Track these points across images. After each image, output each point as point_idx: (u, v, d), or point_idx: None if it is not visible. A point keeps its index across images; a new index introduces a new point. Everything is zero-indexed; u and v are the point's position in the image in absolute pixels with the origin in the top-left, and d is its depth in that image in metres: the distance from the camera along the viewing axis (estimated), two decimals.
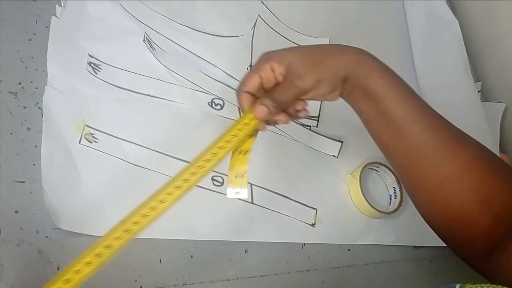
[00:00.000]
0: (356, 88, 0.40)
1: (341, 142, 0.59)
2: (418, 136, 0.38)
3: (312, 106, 0.61)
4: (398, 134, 0.39)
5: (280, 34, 0.63)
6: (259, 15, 0.61)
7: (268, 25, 0.62)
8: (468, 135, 0.39)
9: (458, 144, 0.37)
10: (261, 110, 0.39)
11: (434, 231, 0.40)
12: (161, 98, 0.51)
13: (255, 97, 0.41)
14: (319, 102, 0.61)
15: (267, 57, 0.40)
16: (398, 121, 0.38)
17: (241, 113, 0.42)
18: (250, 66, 0.58)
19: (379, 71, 0.40)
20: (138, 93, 0.50)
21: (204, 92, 0.53)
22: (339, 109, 0.63)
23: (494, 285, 0.26)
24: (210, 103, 0.54)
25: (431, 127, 0.38)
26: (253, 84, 0.40)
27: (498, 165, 0.37)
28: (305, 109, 0.43)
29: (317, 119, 0.60)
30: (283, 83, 0.39)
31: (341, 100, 0.64)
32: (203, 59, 0.55)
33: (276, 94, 0.40)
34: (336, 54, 0.39)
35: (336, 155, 0.59)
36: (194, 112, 0.53)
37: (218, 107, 0.54)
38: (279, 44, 0.62)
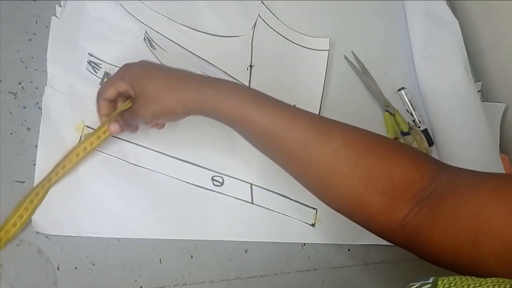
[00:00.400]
0: (207, 115, 0.41)
1: None
2: (281, 143, 0.39)
3: (313, 106, 0.61)
4: (265, 144, 0.41)
5: (280, 34, 0.63)
6: (259, 15, 0.61)
7: (268, 25, 0.62)
8: (335, 126, 0.40)
9: (321, 138, 0.39)
10: (114, 128, 0.44)
11: (338, 212, 0.42)
12: None
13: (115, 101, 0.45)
14: (319, 102, 0.61)
15: (122, 73, 0.42)
16: (261, 130, 0.40)
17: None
18: (250, 66, 0.58)
19: (223, 97, 0.40)
20: None
21: None
22: (339, 109, 0.64)
23: (466, 277, 0.27)
24: None
25: (289, 130, 0.39)
26: (110, 93, 0.43)
27: (371, 145, 0.39)
28: (159, 124, 0.46)
29: None
30: (133, 106, 0.42)
31: (341, 100, 0.64)
32: (203, 59, 0.55)
33: (126, 115, 0.43)
34: (175, 93, 0.40)
35: None
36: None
37: None
38: (279, 44, 0.62)
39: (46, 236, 0.42)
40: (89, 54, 0.49)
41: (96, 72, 0.49)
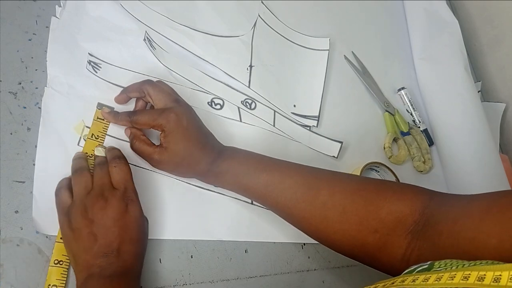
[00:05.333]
0: (211, 184, 0.49)
1: (341, 142, 0.59)
2: (274, 201, 0.44)
3: (312, 106, 0.61)
4: (264, 202, 0.46)
5: (280, 34, 0.63)
6: (259, 15, 0.61)
7: (268, 25, 0.62)
8: (321, 177, 0.44)
9: (309, 193, 0.42)
10: (108, 116, 0.46)
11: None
12: None
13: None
14: (319, 102, 0.61)
15: (166, 113, 0.44)
16: (256, 194, 0.45)
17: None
18: (250, 66, 0.58)
19: (225, 172, 0.45)
20: None
21: (204, 92, 0.53)
22: (339, 110, 0.64)
23: (461, 261, 0.27)
24: (209, 103, 0.54)
25: (281, 189, 0.43)
26: (134, 95, 0.47)
27: (357, 191, 0.42)
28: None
29: (317, 119, 0.60)
30: (160, 155, 0.44)
31: (341, 101, 0.64)
32: (203, 59, 0.55)
33: (140, 117, 0.45)
34: (193, 165, 0.45)
35: (336, 156, 0.59)
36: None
37: (218, 106, 0.54)
38: (279, 44, 0.62)
39: (46, 236, 0.42)
40: (89, 54, 0.49)
41: (96, 72, 0.49)
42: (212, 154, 0.46)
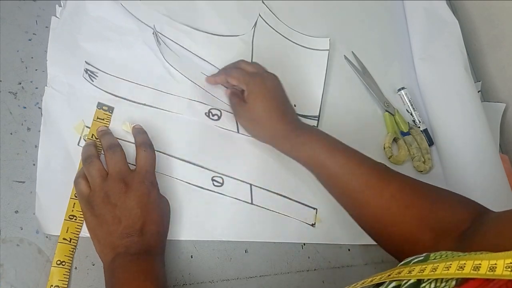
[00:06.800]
0: (286, 154, 0.50)
1: None
2: (346, 185, 0.45)
3: (313, 106, 0.61)
4: (331, 184, 0.47)
5: (281, 34, 0.63)
6: (259, 15, 0.61)
7: (269, 25, 0.62)
8: (392, 173, 0.46)
9: (380, 183, 0.44)
10: (210, 79, 0.53)
11: (389, 253, 0.46)
12: (158, 108, 0.51)
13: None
14: (320, 102, 0.61)
15: (251, 80, 0.49)
16: (330, 172, 0.46)
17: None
18: None
19: (302, 144, 0.47)
20: (134, 102, 0.50)
21: (201, 103, 0.53)
22: (339, 110, 0.64)
23: (456, 252, 0.28)
24: (207, 114, 0.53)
25: (353, 175, 0.45)
26: (225, 81, 0.52)
27: (424, 190, 0.44)
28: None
29: (317, 119, 0.60)
30: (238, 106, 0.51)
31: (341, 100, 0.64)
32: (203, 59, 0.55)
33: (236, 101, 0.51)
34: (269, 123, 0.48)
35: None
36: (190, 122, 0.52)
37: (215, 117, 0.53)
38: (279, 43, 0.62)
39: (46, 236, 0.42)
40: (86, 62, 0.48)
41: (93, 81, 0.48)
42: (292, 124, 0.48)
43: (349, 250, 0.57)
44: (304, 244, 0.54)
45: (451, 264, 0.24)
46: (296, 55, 0.63)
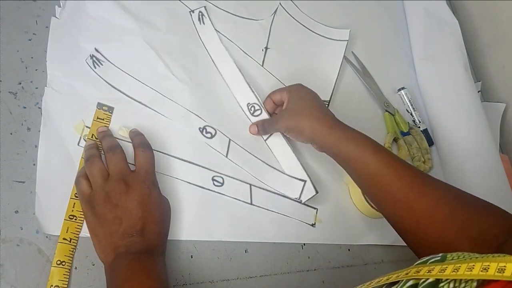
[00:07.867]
0: (325, 150, 0.49)
1: None
2: (388, 185, 0.44)
3: (324, 92, 0.61)
4: (371, 183, 0.46)
5: (300, 23, 0.65)
6: (280, 4, 0.63)
7: (289, 13, 0.64)
8: (436, 180, 0.44)
9: (425, 187, 0.43)
10: (253, 130, 0.55)
11: (419, 257, 0.45)
12: (154, 110, 0.50)
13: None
14: (332, 89, 0.63)
15: (292, 90, 0.53)
16: (372, 171, 0.45)
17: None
18: (266, 48, 0.61)
19: (346, 139, 0.47)
20: (132, 98, 0.50)
21: (198, 117, 0.52)
22: (340, 110, 0.64)
23: (472, 253, 0.27)
24: (201, 129, 0.52)
25: (398, 176, 0.44)
26: (275, 98, 0.55)
27: (467, 199, 0.43)
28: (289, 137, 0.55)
29: (327, 104, 0.61)
30: (277, 116, 0.53)
31: (341, 100, 0.64)
32: (222, 33, 0.58)
33: (267, 122, 0.54)
34: (311, 121, 0.48)
35: None
36: (182, 133, 0.51)
37: (209, 135, 0.52)
38: (297, 31, 0.64)
39: (46, 236, 0.42)
40: (95, 49, 0.49)
41: (95, 68, 0.48)
42: (336, 120, 0.49)
43: (349, 250, 0.57)
44: (304, 244, 0.54)
45: (474, 265, 0.24)
46: (312, 42, 0.65)
